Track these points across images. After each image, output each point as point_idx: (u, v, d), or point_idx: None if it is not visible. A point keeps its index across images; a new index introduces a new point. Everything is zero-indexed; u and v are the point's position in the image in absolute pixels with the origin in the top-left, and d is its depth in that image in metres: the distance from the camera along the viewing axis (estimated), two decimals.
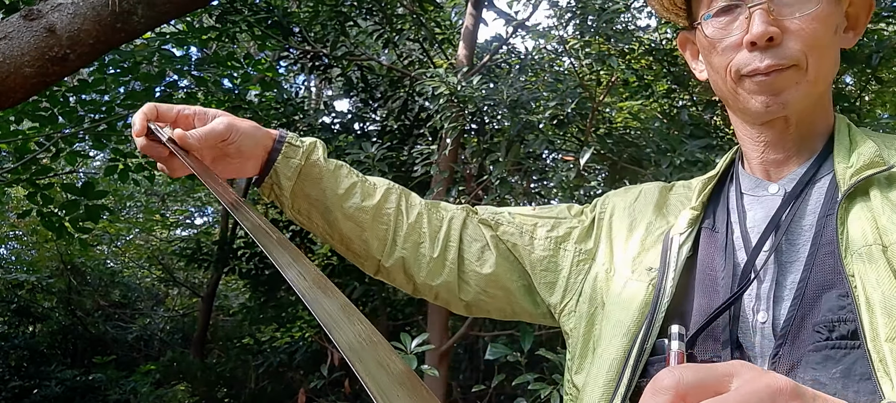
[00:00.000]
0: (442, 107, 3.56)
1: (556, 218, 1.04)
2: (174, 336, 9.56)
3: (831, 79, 0.85)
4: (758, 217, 0.85)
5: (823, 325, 0.72)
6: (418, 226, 1.04)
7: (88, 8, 2.27)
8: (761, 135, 0.87)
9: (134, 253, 10.32)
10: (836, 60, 0.83)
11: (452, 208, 1.08)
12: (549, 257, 1.01)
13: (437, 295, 1.06)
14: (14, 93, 2.21)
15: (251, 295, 6.43)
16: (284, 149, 0.99)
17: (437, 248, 1.03)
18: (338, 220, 1.02)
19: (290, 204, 1.02)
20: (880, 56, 3.68)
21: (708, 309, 0.81)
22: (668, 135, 3.44)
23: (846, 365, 0.69)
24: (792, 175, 0.85)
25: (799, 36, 0.79)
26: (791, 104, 0.81)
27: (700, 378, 0.48)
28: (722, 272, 0.83)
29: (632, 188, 1.04)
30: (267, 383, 6.26)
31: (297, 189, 1.00)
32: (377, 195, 1.03)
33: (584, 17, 3.99)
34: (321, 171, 1.01)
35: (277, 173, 0.99)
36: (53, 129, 4.20)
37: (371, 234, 1.02)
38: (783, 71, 0.80)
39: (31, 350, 8.20)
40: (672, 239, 0.87)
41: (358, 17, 4.98)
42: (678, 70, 4.14)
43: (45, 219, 4.28)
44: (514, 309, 1.06)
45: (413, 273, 1.04)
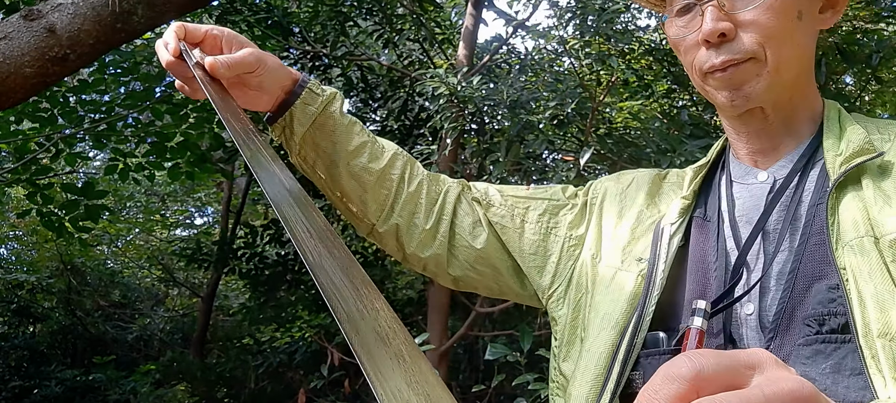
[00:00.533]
0: (442, 107, 3.55)
1: (549, 201, 1.03)
2: (174, 336, 9.56)
3: (802, 65, 0.83)
4: (747, 205, 0.84)
5: (814, 318, 0.71)
6: (417, 196, 1.04)
7: (88, 8, 2.27)
8: (742, 127, 0.87)
9: (134, 253, 10.32)
10: (804, 45, 0.82)
11: (450, 181, 1.08)
12: (539, 241, 1.00)
13: (426, 267, 1.05)
14: (14, 93, 2.21)
15: (251, 295, 6.43)
16: (304, 94, 0.97)
17: (430, 220, 1.03)
18: (341, 176, 1.00)
19: (298, 150, 1.00)
20: (880, 56, 3.68)
21: (701, 299, 0.80)
22: (668, 135, 3.44)
23: (836, 360, 0.68)
24: (782, 162, 0.85)
25: (752, 28, 0.79)
26: (755, 96, 0.81)
27: (721, 368, 0.40)
28: (714, 263, 0.82)
29: (625, 173, 1.03)
30: (267, 383, 6.26)
31: (307, 136, 0.98)
32: (384, 159, 1.02)
33: (584, 17, 3.99)
34: (335, 124, 0.99)
35: (292, 117, 0.98)
36: (53, 130, 4.20)
37: (371, 197, 1.01)
38: (740, 65, 0.80)
39: (31, 350, 8.20)
40: (663, 229, 0.86)
41: (358, 17, 4.98)
42: (678, 70, 4.14)
43: (44, 219, 4.28)
44: (501, 287, 1.05)
45: (404, 242, 1.03)
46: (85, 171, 7.99)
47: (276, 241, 5.63)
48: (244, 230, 6.21)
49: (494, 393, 4.33)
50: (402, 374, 0.56)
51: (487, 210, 1.04)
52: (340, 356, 3.93)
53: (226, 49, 0.93)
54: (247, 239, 5.95)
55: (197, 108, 4.39)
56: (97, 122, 4.26)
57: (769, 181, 0.84)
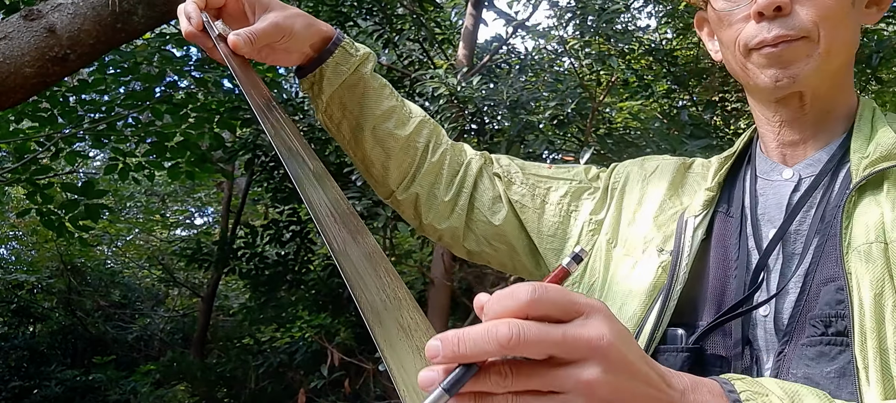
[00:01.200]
0: (442, 107, 3.55)
1: (571, 181, 1.00)
2: (174, 336, 9.55)
3: (848, 56, 0.80)
4: (769, 203, 0.82)
5: (820, 319, 0.70)
6: (439, 166, 1.02)
7: (88, 8, 2.27)
8: (776, 115, 0.83)
9: (134, 254, 10.32)
10: (854, 34, 0.79)
11: (472, 153, 1.06)
12: (559, 224, 0.98)
13: (441, 237, 1.03)
14: (14, 93, 2.21)
15: (251, 296, 6.43)
16: (337, 53, 0.95)
17: (450, 192, 1.01)
18: (365, 140, 0.98)
19: (324, 108, 0.98)
20: (880, 56, 3.68)
21: (720, 298, 0.79)
22: (668, 135, 3.44)
23: (841, 364, 0.67)
24: (809, 159, 0.82)
25: (810, 5, 0.75)
26: (802, 78, 0.77)
27: (552, 302, 0.46)
28: (735, 261, 0.80)
29: (650, 158, 1.00)
30: (267, 383, 6.26)
31: (336, 95, 0.96)
32: (410, 125, 1.00)
33: (584, 17, 3.99)
34: (366, 86, 0.97)
35: (322, 75, 0.95)
36: (53, 129, 4.20)
37: (394, 163, 1.00)
38: (792, 42, 0.76)
39: (31, 350, 8.20)
40: (687, 222, 0.84)
41: (358, 17, 4.98)
42: (678, 70, 4.15)
43: (44, 218, 4.28)
44: (514, 264, 1.04)
45: (422, 211, 1.02)
46: (85, 171, 7.99)
47: (276, 241, 5.63)
48: (244, 230, 6.21)
49: None
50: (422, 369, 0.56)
51: (508, 187, 1.02)
52: (340, 356, 3.93)
53: (249, 14, 0.91)
54: (247, 239, 5.94)
55: (197, 108, 4.39)
56: (97, 122, 4.26)
57: (794, 179, 0.81)
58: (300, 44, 0.92)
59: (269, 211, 6.77)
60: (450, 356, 0.45)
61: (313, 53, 0.95)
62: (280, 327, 5.71)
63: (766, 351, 0.74)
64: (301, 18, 0.92)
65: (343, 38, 0.96)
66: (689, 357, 0.75)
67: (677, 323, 0.79)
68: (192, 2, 0.88)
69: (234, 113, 4.58)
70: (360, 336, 5.50)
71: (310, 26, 0.93)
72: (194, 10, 0.88)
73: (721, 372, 0.74)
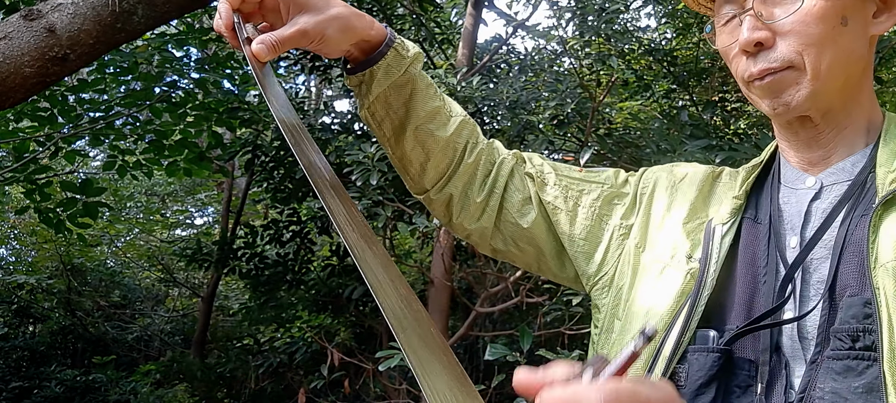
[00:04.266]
0: None
1: (603, 185, 1.01)
2: (174, 336, 9.55)
3: (849, 73, 0.81)
4: (791, 211, 0.84)
5: (847, 333, 0.70)
6: (474, 167, 1.01)
7: (88, 8, 2.27)
8: (792, 136, 0.85)
9: (134, 254, 10.31)
10: (850, 51, 0.80)
11: (505, 152, 1.05)
12: (591, 227, 0.98)
13: (469, 236, 1.03)
14: (14, 93, 2.21)
15: (251, 296, 6.43)
16: (390, 54, 0.92)
17: (482, 193, 1.00)
18: (407, 139, 0.97)
19: (369, 106, 0.95)
20: (880, 56, 3.69)
21: (749, 304, 0.80)
22: (667, 135, 3.44)
23: (869, 379, 0.67)
24: (833, 169, 0.83)
25: (790, 36, 0.78)
26: (797, 105, 0.79)
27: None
28: (763, 267, 0.81)
29: (679, 165, 1.01)
30: (267, 383, 6.26)
31: (382, 95, 0.94)
32: (451, 126, 0.98)
33: (583, 17, 3.99)
34: (414, 89, 0.95)
35: (372, 76, 0.92)
36: (52, 129, 4.20)
37: (432, 164, 0.99)
38: (777, 73, 0.79)
39: (31, 350, 8.20)
40: (715, 229, 0.85)
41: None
42: (678, 70, 4.15)
43: (43, 216, 4.28)
44: (540, 266, 1.03)
45: (454, 211, 1.01)
46: (85, 172, 7.99)
47: (276, 241, 5.63)
48: (244, 230, 6.21)
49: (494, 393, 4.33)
50: (446, 376, 0.58)
51: (541, 189, 1.01)
52: (340, 356, 3.93)
53: (283, 10, 0.87)
54: (247, 239, 5.94)
55: (195, 107, 4.39)
56: (96, 121, 4.26)
57: (815, 187, 0.83)
58: (334, 48, 0.89)
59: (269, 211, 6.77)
60: None
61: (358, 53, 0.92)
62: (280, 327, 5.71)
63: (793, 359, 0.76)
64: (338, 22, 0.87)
65: (395, 38, 0.93)
66: (718, 359, 0.77)
67: (705, 325, 0.80)
68: (226, 0, 0.86)
69: (233, 113, 4.58)
70: (359, 337, 5.50)
71: (346, 30, 0.88)
72: (226, 9, 0.86)
73: (748, 376, 0.77)
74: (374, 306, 5.13)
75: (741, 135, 3.94)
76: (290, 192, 5.25)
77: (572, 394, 0.48)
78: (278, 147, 5.05)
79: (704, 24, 4.56)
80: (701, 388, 0.76)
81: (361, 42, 0.90)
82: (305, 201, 5.50)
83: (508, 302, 4.08)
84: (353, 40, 0.89)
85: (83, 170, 7.75)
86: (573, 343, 3.50)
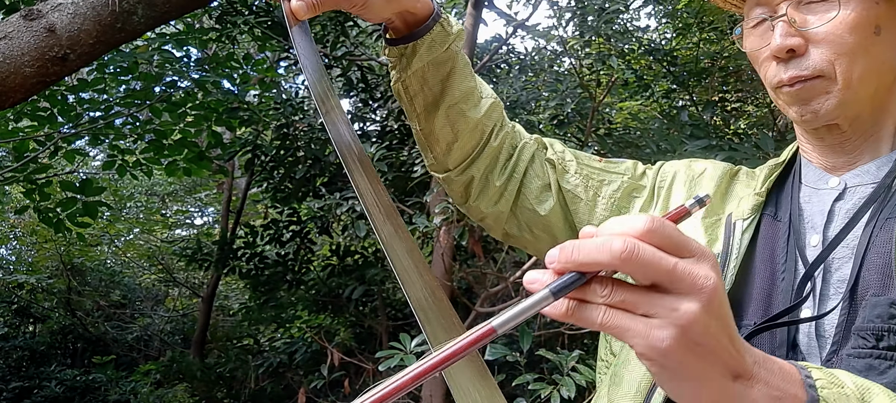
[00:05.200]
0: None
1: (623, 177, 1.00)
2: (174, 336, 9.56)
3: (884, 80, 0.80)
4: (813, 210, 0.83)
5: (871, 333, 0.70)
6: (497, 151, 1.00)
7: (88, 8, 2.27)
8: (817, 142, 0.85)
9: (134, 254, 10.32)
10: (883, 60, 0.79)
11: (527, 136, 1.04)
12: (609, 218, 0.96)
13: (484, 219, 1.02)
14: (14, 93, 2.21)
15: (251, 296, 6.43)
16: (436, 29, 0.90)
17: (502, 177, 1.00)
18: (437, 118, 0.95)
19: (404, 79, 0.94)
20: None
21: (767, 300, 0.80)
22: (667, 135, 3.44)
23: (891, 379, 0.66)
24: (857, 170, 0.82)
25: (823, 44, 0.77)
26: (825, 113, 0.79)
27: (668, 236, 0.49)
28: (782, 264, 0.81)
29: (697, 161, 1.00)
30: (267, 383, 6.26)
31: (420, 70, 0.92)
32: (483, 108, 0.97)
33: (583, 17, 3.99)
34: (454, 67, 0.93)
35: (415, 50, 0.90)
36: (52, 128, 4.21)
37: (459, 145, 0.97)
38: (807, 81, 0.78)
39: (31, 350, 8.20)
40: (735, 224, 0.85)
41: (358, 17, 4.98)
42: (678, 70, 4.15)
43: (42, 215, 4.28)
44: None
45: (472, 193, 1.00)
46: (85, 172, 7.99)
47: (276, 241, 5.63)
48: (244, 230, 6.21)
49: None
50: (469, 372, 0.58)
51: (562, 176, 1.00)
52: (340, 356, 3.93)
53: None
54: (247, 239, 5.94)
55: (195, 107, 4.39)
56: (96, 121, 4.27)
57: (839, 187, 0.82)
58: (377, 14, 0.87)
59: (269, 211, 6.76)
60: (564, 261, 0.49)
61: (400, 23, 0.90)
62: (280, 327, 5.71)
63: (809, 356, 0.75)
64: None
65: (441, 13, 0.91)
66: None
67: None
68: None
69: (233, 113, 4.59)
70: (359, 336, 5.50)
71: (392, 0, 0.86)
72: None
73: None
74: (373, 305, 5.13)
75: (741, 135, 3.94)
76: (290, 192, 5.25)
77: (626, 217, 0.50)
78: (278, 147, 5.06)
79: (704, 24, 4.56)
80: None
81: (405, 12, 0.88)
82: (305, 201, 5.50)
83: (508, 302, 4.08)
84: (397, 9, 0.88)
85: (83, 170, 7.75)
86: (573, 343, 3.50)
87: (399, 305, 5.80)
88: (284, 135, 4.98)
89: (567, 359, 2.55)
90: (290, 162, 4.97)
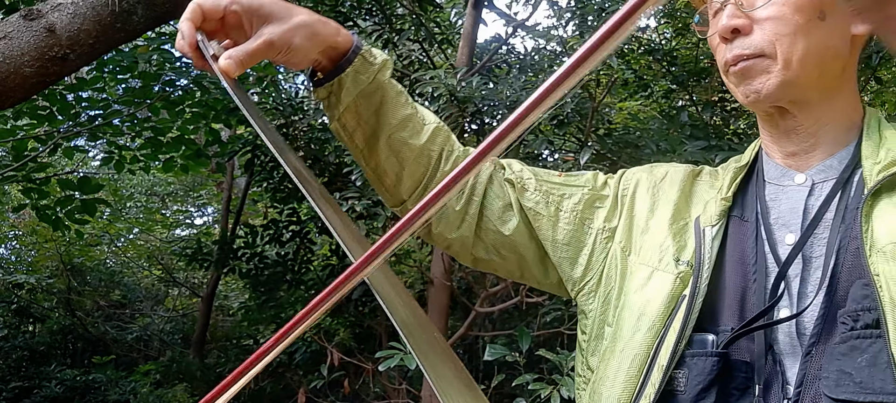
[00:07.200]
0: (442, 107, 3.55)
1: (583, 188, 1.00)
2: (174, 336, 9.55)
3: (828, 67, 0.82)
4: (783, 208, 0.84)
5: (849, 316, 0.72)
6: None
7: (88, 8, 2.27)
8: (773, 128, 0.87)
9: (134, 254, 10.31)
10: (827, 46, 0.81)
11: None
12: (573, 232, 0.97)
13: (450, 247, 1.01)
14: (14, 92, 2.21)
15: (251, 295, 6.43)
16: (357, 61, 0.90)
17: (460, 201, 0.98)
18: (380, 149, 0.95)
19: (339, 117, 0.93)
20: (880, 56, 3.68)
21: (741, 304, 0.81)
22: (667, 136, 3.44)
23: (872, 354, 0.69)
24: (820, 166, 0.84)
25: (767, 24, 0.80)
26: (767, 93, 0.81)
27: None
28: (753, 266, 0.82)
29: (658, 166, 1.01)
30: (266, 383, 6.26)
31: (352, 105, 0.92)
32: (425, 134, 0.96)
33: (583, 17, 3.99)
34: (384, 96, 0.93)
35: (340, 85, 0.90)
36: (51, 127, 4.21)
37: (408, 173, 0.96)
38: (749, 60, 0.81)
39: (31, 350, 8.20)
40: (704, 232, 0.85)
41: (358, 18, 4.98)
42: (678, 70, 4.15)
43: (40, 212, 4.29)
44: (523, 273, 1.02)
45: (433, 221, 0.99)
46: (85, 171, 7.99)
47: (276, 241, 5.63)
48: (244, 230, 6.21)
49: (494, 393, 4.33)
50: (458, 385, 0.58)
51: (521, 194, 0.99)
52: (340, 356, 3.93)
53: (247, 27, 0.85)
54: (247, 239, 5.94)
55: (193, 104, 4.39)
56: (94, 119, 4.27)
57: (807, 184, 0.83)
58: (302, 57, 0.87)
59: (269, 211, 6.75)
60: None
61: (326, 61, 0.90)
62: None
63: (788, 355, 0.76)
64: (304, 30, 0.85)
65: (362, 45, 0.91)
66: (717, 362, 0.77)
67: (699, 329, 0.80)
68: (187, 19, 0.84)
69: (232, 111, 4.59)
70: (359, 336, 5.50)
71: (314, 37, 0.86)
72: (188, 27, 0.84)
73: (745, 378, 0.77)
74: (373, 306, 5.13)
75: (741, 135, 3.94)
76: (289, 192, 5.25)
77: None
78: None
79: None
80: (701, 394, 0.76)
81: (329, 49, 0.89)
82: (305, 201, 5.50)
83: (508, 302, 4.08)
84: (320, 47, 0.88)
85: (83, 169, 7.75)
86: (572, 343, 3.50)
87: None
88: (284, 135, 4.98)
89: (567, 359, 2.55)
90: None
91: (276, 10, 0.84)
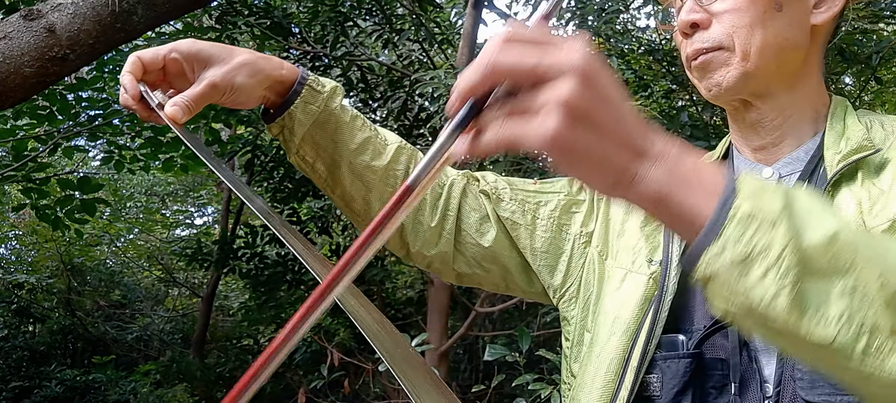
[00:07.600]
0: (442, 107, 3.56)
1: (559, 194, 0.99)
2: (174, 336, 9.56)
3: (788, 58, 0.81)
4: None
5: None
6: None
7: (88, 8, 2.27)
8: (741, 122, 0.87)
9: (134, 254, 10.32)
10: (785, 38, 0.80)
11: (453, 173, 1.03)
12: (551, 239, 0.97)
13: (431, 264, 1.01)
14: (14, 93, 2.21)
15: (251, 295, 6.43)
16: (304, 92, 0.89)
17: (435, 217, 0.98)
18: (343, 176, 0.94)
19: (296, 150, 0.93)
20: (880, 56, 3.68)
21: None
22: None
23: None
24: (787, 158, 0.84)
25: (724, 17, 0.80)
26: (728, 86, 0.81)
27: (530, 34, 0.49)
28: None
29: None
30: (267, 383, 6.26)
31: (307, 135, 0.91)
32: (387, 155, 0.96)
33: (583, 17, 3.99)
34: (337, 122, 0.92)
35: (292, 118, 0.89)
36: (51, 127, 4.21)
37: (375, 196, 0.95)
38: (708, 53, 0.81)
39: (31, 350, 8.20)
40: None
41: (358, 18, 4.98)
42: (678, 70, 4.15)
43: (40, 212, 4.29)
44: (508, 284, 1.02)
45: (409, 240, 0.98)
46: (85, 171, 7.99)
47: (276, 241, 5.63)
48: (244, 230, 6.21)
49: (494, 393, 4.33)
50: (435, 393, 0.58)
51: (497, 205, 0.99)
52: (340, 356, 3.94)
53: (189, 73, 0.86)
54: (247, 240, 5.94)
55: None
56: (94, 119, 4.27)
57: (773, 178, 0.83)
58: (248, 95, 0.87)
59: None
60: (453, 101, 0.50)
61: (274, 96, 0.89)
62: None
63: (763, 352, 0.76)
64: (245, 68, 0.85)
65: (308, 75, 0.90)
66: (690, 363, 0.76)
67: (673, 329, 0.80)
68: (128, 73, 0.84)
69: (232, 111, 4.59)
70: (359, 336, 5.49)
71: (257, 73, 0.86)
72: (129, 81, 0.84)
73: (722, 376, 0.76)
74: None
75: None
76: (289, 192, 5.25)
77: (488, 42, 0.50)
78: (278, 147, 5.05)
79: None
80: (677, 396, 0.76)
81: (275, 84, 0.88)
82: (305, 201, 5.50)
83: (508, 302, 4.08)
84: (265, 84, 0.87)
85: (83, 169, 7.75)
86: None
87: (398, 305, 5.81)
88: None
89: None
90: (289, 162, 4.96)
91: (216, 53, 0.85)
